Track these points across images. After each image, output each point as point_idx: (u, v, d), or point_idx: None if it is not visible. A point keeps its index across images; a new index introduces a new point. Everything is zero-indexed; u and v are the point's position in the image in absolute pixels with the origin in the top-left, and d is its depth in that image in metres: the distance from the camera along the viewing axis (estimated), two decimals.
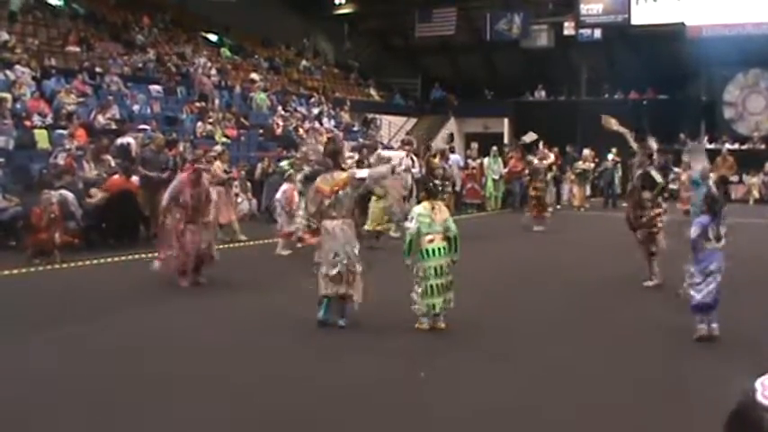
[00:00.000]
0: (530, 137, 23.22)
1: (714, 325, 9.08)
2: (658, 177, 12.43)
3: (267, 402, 7.12)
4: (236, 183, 18.70)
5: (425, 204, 9.80)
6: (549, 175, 22.19)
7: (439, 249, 9.55)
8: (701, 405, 7.27)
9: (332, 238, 9.62)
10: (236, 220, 18.00)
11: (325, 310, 9.69)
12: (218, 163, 17.79)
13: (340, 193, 9.66)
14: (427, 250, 9.53)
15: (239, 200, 19.22)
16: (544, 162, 21.58)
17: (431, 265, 9.52)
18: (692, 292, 9.11)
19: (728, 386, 7.40)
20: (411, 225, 9.65)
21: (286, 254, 15.38)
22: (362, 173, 9.90)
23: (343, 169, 9.94)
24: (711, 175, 12.78)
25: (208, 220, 12.74)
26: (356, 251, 9.70)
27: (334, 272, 9.55)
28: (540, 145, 22.78)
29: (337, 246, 9.59)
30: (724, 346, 9.03)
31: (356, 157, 18.15)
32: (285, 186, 15.85)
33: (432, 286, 9.49)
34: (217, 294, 11.90)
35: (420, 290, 9.54)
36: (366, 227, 16.91)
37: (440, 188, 11.37)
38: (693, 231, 9.17)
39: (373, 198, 17.35)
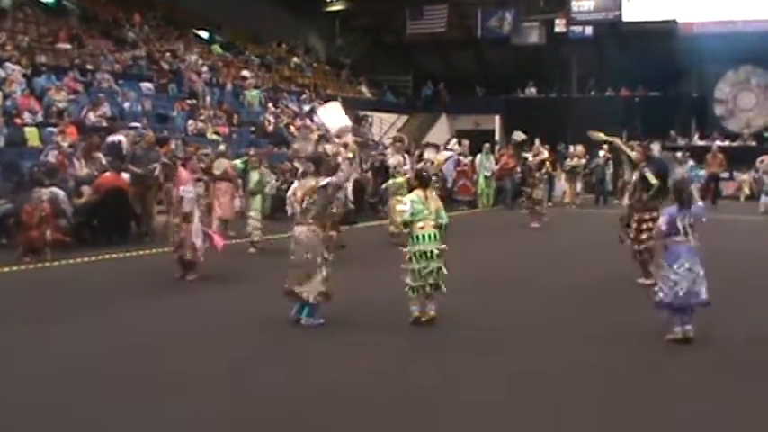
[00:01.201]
0: (518, 136, 23.28)
1: (688, 327, 8.83)
2: (652, 179, 12.35)
3: (261, 399, 7.10)
4: None
5: (418, 192, 9.91)
6: (543, 171, 22.09)
7: (429, 236, 9.70)
8: (687, 405, 7.30)
9: (296, 243, 9.79)
10: (231, 217, 18.09)
11: (298, 308, 9.78)
12: (225, 160, 17.82)
13: (307, 201, 9.76)
14: (418, 236, 9.69)
15: None
16: (536, 159, 21.55)
17: (418, 250, 9.66)
18: (662, 290, 8.94)
19: (726, 389, 7.44)
20: (405, 208, 9.81)
21: None
22: (324, 180, 9.94)
23: (318, 176, 9.99)
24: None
25: (182, 216, 12.66)
26: (318, 258, 9.76)
27: (294, 272, 9.72)
28: (537, 141, 22.78)
29: (300, 250, 9.72)
30: (718, 345, 9.04)
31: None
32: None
33: (422, 270, 9.60)
34: (209, 290, 11.90)
35: (409, 273, 9.68)
36: (391, 228, 16.91)
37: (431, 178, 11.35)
38: (662, 222, 9.09)
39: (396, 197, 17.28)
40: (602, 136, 14.51)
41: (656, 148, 13.20)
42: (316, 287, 9.66)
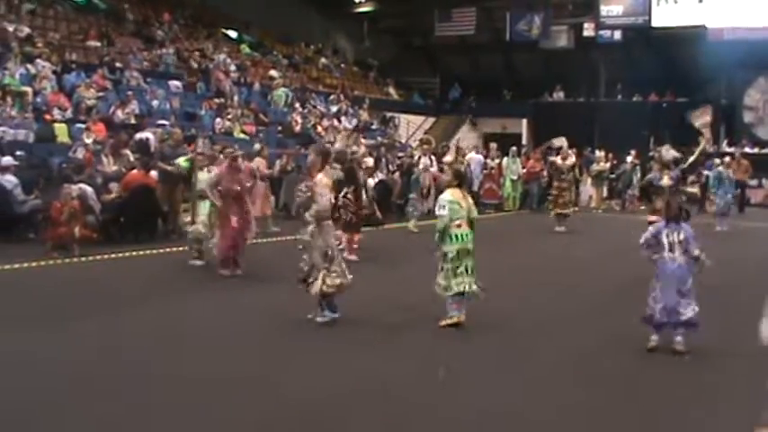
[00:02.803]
0: (560, 141, 23.21)
1: (678, 338, 8.66)
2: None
3: (275, 400, 7.12)
4: None
5: (454, 191, 9.88)
6: (571, 176, 22.00)
7: (465, 235, 9.72)
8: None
9: (331, 236, 9.79)
10: (270, 213, 18.34)
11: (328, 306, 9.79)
12: (259, 159, 17.97)
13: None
14: (457, 235, 9.68)
15: None
16: (567, 162, 21.46)
17: (456, 249, 9.65)
18: (649, 302, 8.82)
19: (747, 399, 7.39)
20: (444, 213, 9.74)
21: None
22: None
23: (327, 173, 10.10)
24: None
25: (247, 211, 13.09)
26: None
27: (335, 267, 9.69)
28: (565, 145, 22.70)
29: (332, 242, 9.79)
30: (741, 356, 8.98)
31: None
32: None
33: (458, 268, 9.60)
34: (234, 289, 11.91)
35: (445, 273, 9.67)
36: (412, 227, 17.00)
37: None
38: (645, 235, 8.88)
39: None
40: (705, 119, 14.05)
41: (666, 155, 13.03)
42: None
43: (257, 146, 19.45)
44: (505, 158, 27.28)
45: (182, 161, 15.44)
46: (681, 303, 8.61)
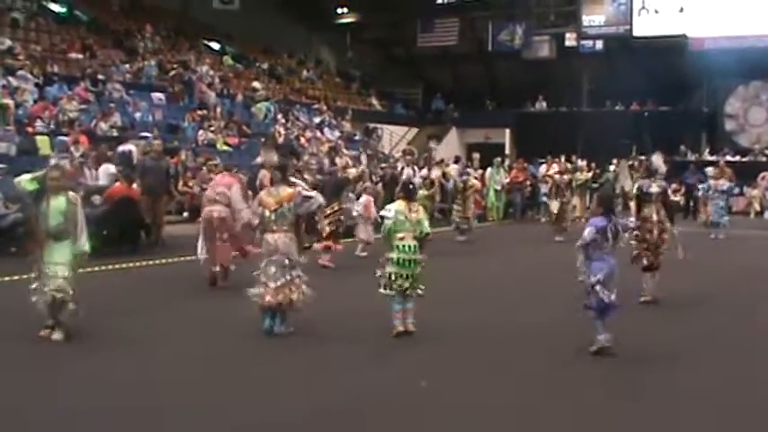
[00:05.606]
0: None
1: (607, 336, 8.87)
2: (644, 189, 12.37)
3: (259, 414, 7.09)
4: None
5: (401, 203, 9.98)
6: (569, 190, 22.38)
7: (408, 246, 9.76)
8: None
9: (273, 251, 9.74)
10: None
11: (270, 318, 9.76)
12: (264, 171, 18.05)
13: (284, 207, 9.80)
14: (397, 246, 9.74)
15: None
16: (565, 177, 21.84)
17: (397, 257, 9.71)
18: (589, 297, 8.95)
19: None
20: (389, 215, 9.86)
21: (364, 255, 16.20)
22: (310, 192, 10.02)
23: (289, 184, 10.14)
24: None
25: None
26: (295, 263, 9.85)
27: (272, 284, 9.66)
28: (563, 158, 23.04)
29: (277, 258, 9.71)
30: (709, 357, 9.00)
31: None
32: (363, 198, 16.37)
33: (393, 274, 9.67)
34: (223, 299, 11.84)
35: (383, 280, 9.75)
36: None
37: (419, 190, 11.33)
38: (588, 234, 8.95)
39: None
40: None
41: (657, 162, 13.02)
42: (302, 293, 9.76)
43: (259, 159, 19.44)
44: (489, 169, 27.34)
45: (25, 181, 9.93)
46: (613, 292, 8.92)
